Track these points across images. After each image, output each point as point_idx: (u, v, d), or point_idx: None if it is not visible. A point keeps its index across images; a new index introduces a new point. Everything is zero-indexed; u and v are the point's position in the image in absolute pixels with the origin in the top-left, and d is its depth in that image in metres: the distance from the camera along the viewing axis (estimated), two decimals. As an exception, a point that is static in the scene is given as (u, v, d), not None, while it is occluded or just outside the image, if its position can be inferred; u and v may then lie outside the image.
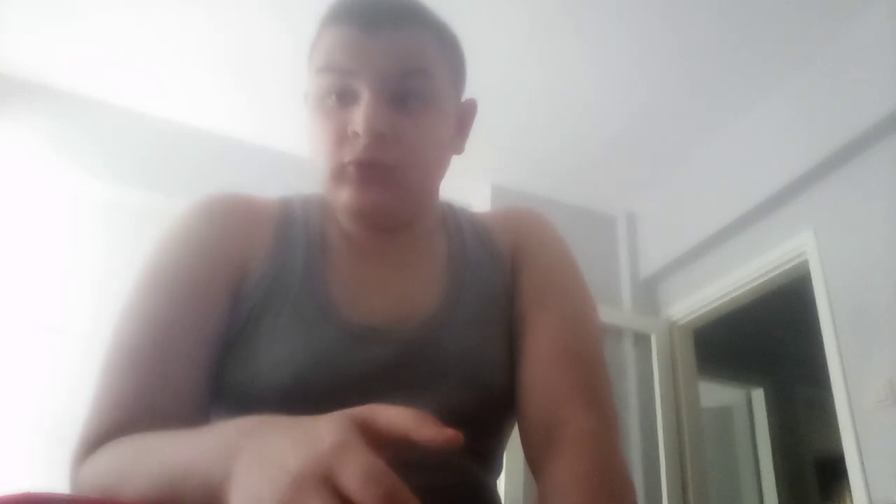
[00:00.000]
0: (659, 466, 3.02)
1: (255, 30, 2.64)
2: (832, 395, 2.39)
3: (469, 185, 3.49)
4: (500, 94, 2.92)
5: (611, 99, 2.93)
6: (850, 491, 2.27)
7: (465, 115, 0.78)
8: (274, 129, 3.11)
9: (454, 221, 0.81)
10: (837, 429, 2.35)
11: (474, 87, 2.82)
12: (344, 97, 0.67)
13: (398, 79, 0.66)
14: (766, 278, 2.89)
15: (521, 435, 0.67)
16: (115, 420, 0.58)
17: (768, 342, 4.53)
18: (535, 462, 0.62)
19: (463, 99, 0.79)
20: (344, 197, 0.67)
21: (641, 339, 3.31)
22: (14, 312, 2.61)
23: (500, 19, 2.56)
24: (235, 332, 0.65)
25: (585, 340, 0.68)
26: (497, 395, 0.68)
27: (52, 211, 2.83)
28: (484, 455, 0.70)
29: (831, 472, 4.11)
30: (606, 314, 3.25)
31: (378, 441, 0.37)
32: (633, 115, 3.00)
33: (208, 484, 0.42)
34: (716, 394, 4.60)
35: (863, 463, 2.22)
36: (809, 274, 2.59)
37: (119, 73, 2.94)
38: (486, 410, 0.68)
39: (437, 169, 0.74)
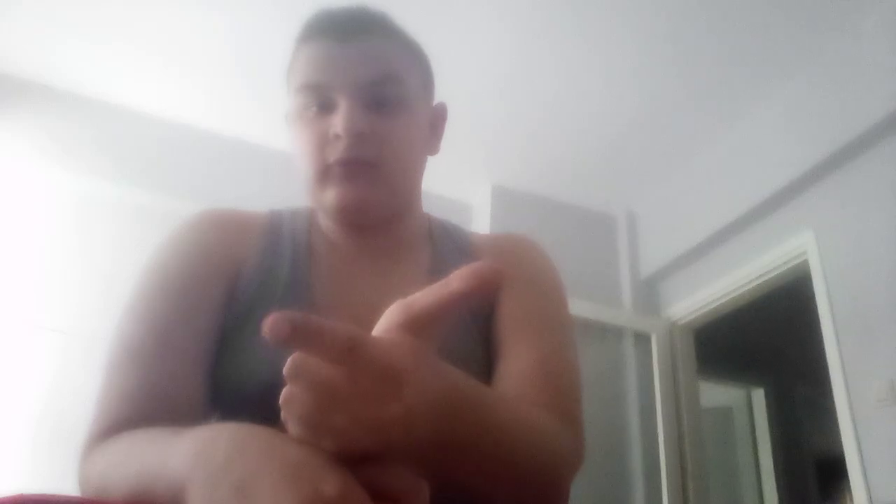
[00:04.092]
0: (659, 466, 3.02)
1: (261, 31, 2.64)
2: (832, 395, 2.39)
3: (469, 185, 3.49)
4: (500, 95, 2.92)
5: (611, 99, 2.93)
6: (850, 491, 2.27)
7: (436, 118, 0.82)
8: (277, 131, 3.11)
9: (442, 234, 0.83)
10: (837, 429, 2.35)
11: (475, 87, 2.83)
12: (323, 107, 0.71)
13: (372, 86, 0.71)
14: (766, 278, 2.89)
15: None
16: (121, 414, 0.60)
17: (768, 342, 4.52)
18: None
19: (435, 103, 0.83)
20: (329, 196, 0.71)
21: (641, 339, 3.31)
22: (16, 313, 2.61)
23: (502, 21, 2.56)
24: (227, 332, 0.69)
25: (560, 374, 0.68)
26: None
27: (54, 211, 2.83)
28: None
29: (831, 472, 4.11)
30: (606, 314, 3.26)
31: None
32: (633, 115, 3.01)
33: (175, 488, 0.43)
34: (716, 394, 4.60)
35: (863, 463, 2.22)
36: (809, 274, 2.60)
37: (121, 74, 2.94)
38: None
39: (414, 167, 0.77)
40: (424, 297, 0.43)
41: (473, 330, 0.72)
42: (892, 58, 2.31)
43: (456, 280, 0.42)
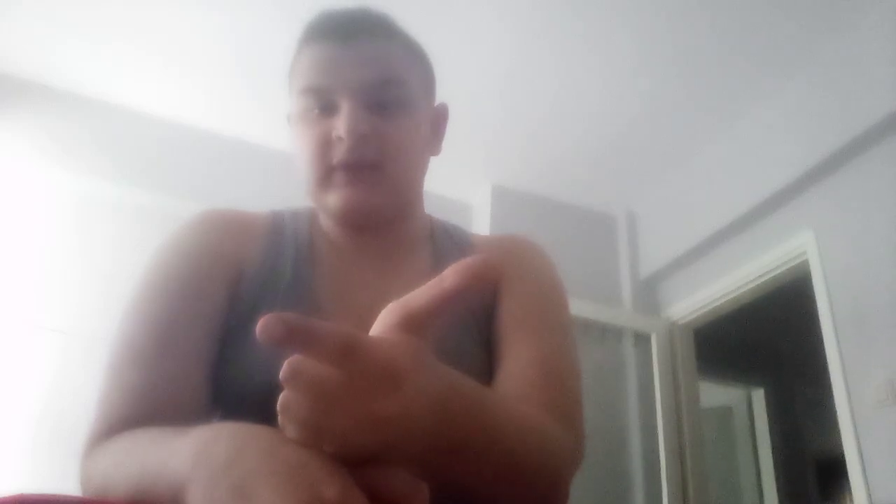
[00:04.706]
0: (659, 466, 3.02)
1: (261, 31, 2.64)
2: (832, 395, 2.39)
3: (469, 185, 3.49)
4: (500, 95, 2.93)
5: (611, 99, 2.93)
6: (850, 491, 2.27)
7: (438, 119, 0.83)
8: (277, 131, 3.11)
9: (443, 235, 0.83)
10: (837, 429, 2.35)
11: (475, 87, 2.84)
12: (326, 110, 0.71)
13: (374, 88, 0.71)
14: (766, 278, 2.89)
15: None
16: (122, 414, 0.60)
17: (768, 342, 4.53)
18: None
19: (436, 104, 0.84)
20: (332, 199, 0.71)
21: (641, 339, 3.32)
22: (17, 313, 2.61)
23: (502, 21, 2.56)
24: (229, 333, 0.69)
25: (560, 372, 0.68)
26: None
27: (54, 211, 2.83)
28: None
29: (831, 472, 4.11)
30: (606, 314, 3.26)
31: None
32: (633, 115, 3.01)
33: (175, 487, 0.43)
34: (716, 394, 4.60)
35: (863, 463, 2.22)
36: (809, 274, 2.60)
37: (121, 74, 2.94)
38: None
39: (416, 168, 0.77)
40: (420, 295, 0.43)
41: (474, 331, 0.72)
42: (892, 58, 2.31)
43: (450, 276, 0.42)
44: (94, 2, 2.56)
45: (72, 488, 0.56)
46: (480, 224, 3.41)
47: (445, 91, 0.86)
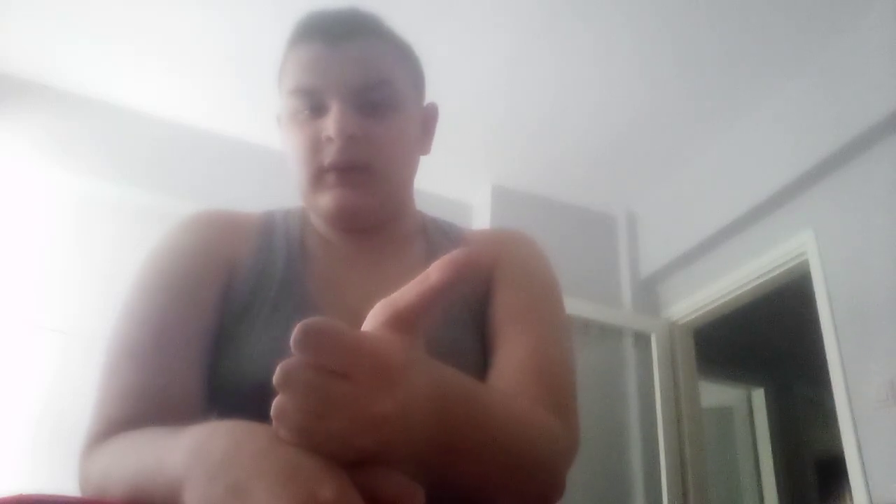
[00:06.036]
0: (659, 466, 3.02)
1: (261, 31, 2.64)
2: (832, 395, 2.39)
3: (469, 185, 3.49)
4: (500, 95, 2.93)
5: (612, 99, 2.93)
6: (850, 491, 2.27)
7: (427, 118, 0.83)
8: (277, 131, 3.11)
9: (436, 231, 0.83)
10: (837, 429, 2.35)
11: (476, 87, 2.84)
12: (315, 110, 0.72)
13: (364, 89, 0.71)
14: (766, 278, 2.89)
15: None
16: (120, 413, 0.60)
17: (768, 342, 4.53)
18: None
19: (426, 103, 0.84)
20: (323, 201, 0.72)
21: (641, 339, 3.32)
22: (16, 313, 2.61)
23: (501, 21, 2.56)
24: (223, 332, 0.69)
25: (554, 364, 0.68)
26: None
27: (54, 211, 2.83)
28: None
29: (831, 472, 4.11)
30: (606, 314, 3.26)
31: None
32: (633, 115, 3.01)
33: (172, 486, 0.43)
34: (716, 394, 4.61)
35: (863, 463, 2.22)
36: (809, 274, 2.60)
37: (121, 74, 2.94)
38: None
39: (407, 168, 0.78)
40: (407, 293, 0.43)
41: (469, 325, 0.72)
42: (892, 58, 2.31)
43: (434, 272, 0.42)
44: (94, 2, 2.56)
45: (72, 488, 0.56)
46: (480, 224, 3.41)
47: (446, 91, 0.86)
